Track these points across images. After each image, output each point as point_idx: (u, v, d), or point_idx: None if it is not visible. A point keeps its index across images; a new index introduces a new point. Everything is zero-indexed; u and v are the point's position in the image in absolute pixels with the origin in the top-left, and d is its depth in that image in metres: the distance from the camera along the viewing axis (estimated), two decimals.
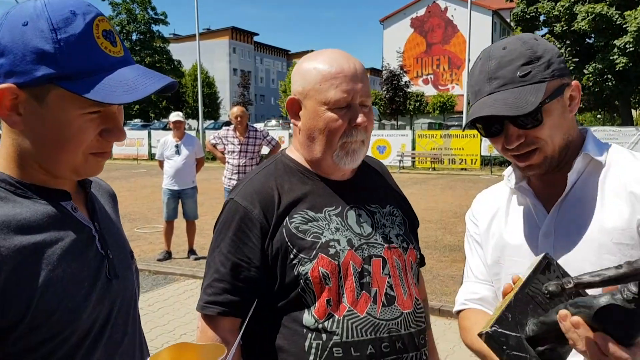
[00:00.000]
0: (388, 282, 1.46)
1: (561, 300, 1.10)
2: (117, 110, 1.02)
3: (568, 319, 1.00)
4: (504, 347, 1.07)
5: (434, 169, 22.92)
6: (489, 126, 1.31)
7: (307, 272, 1.40)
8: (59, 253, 0.97)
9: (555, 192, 1.33)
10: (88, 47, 0.93)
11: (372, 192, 1.60)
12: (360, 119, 1.44)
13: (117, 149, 29.40)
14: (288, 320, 1.43)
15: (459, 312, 1.54)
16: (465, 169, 22.42)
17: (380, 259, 1.47)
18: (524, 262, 1.27)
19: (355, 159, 1.50)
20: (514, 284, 1.17)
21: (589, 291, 1.06)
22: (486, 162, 22.29)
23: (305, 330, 1.41)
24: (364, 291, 1.42)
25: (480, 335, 1.10)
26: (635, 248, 1.20)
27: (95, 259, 1.04)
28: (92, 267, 1.02)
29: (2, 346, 0.89)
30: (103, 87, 0.92)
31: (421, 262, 1.67)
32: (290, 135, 25.84)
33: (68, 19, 0.92)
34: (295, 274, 1.41)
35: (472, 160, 22.50)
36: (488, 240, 1.48)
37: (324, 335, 1.39)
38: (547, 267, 1.16)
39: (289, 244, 1.42)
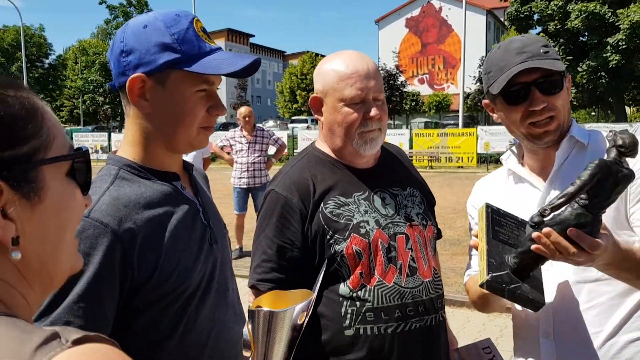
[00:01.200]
0: (411, 255, 1.67)
1: (524, 232, 1.39)
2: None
3: (541, 235, 1.25)
4: (503, 286, 1.33)
5: (431, 167, 23.15)
6: (514, 94, 1.50)
7: (342, 250, 1.62)
8: (175, 224, 1.18)
9: (547, 171, 1.56)
10: (193, 38, 1.19)
11: (394, 177, 1.81)
12: (373, 112, 1.65)
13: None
14: (327, 292, 1.64)
15: (466, 283, 1.79)
16: (462, 167, 22.65)
17: (404, 235, 1.68)
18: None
19: (374, 145, 1.71)
20: (477, 237, 1.45)
21: None
22: (482, 159, 22.55)
23: (341, 299, 1.63)
24: (391, 264, 1.64)
25: (481, 285, 1.35)
26: (616, 213, 1.42)
27: (201, 228, 1.25)
28: (199, 234, 1.24)
29: (138, 296, 1.11)
30: (209, 64, 1.18)
31: (438, 235, 1.91)
32: (289, 136, 26.03)
33: (176, 19, 1.19)
34: (332, 252, 1.62)
35: (468, 158, 22.75)
36: None
37: (357, 303, 1.61)
38: (494, 213, 1.44)
39: (325, 226, 1.64)
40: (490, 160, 22.44)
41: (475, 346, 1.85)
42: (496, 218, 1.44)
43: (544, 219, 1.25)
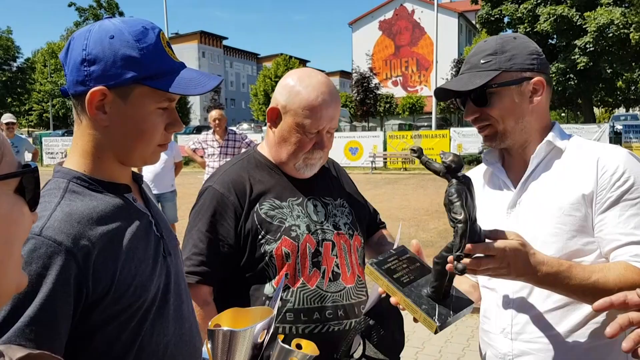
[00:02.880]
0: (335, 261, 1.75)
1: (408, 258, 1.51)
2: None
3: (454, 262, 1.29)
4: (448, 319, 1.39)
5: (405, 169, 23.33)
6: (462, 101, 1.61)
7: (272, 250, 1.69)
8: (130, 237, 1.14)
9: (523, 172, 1.58)
10: (160, 53, 1.15)
11: (326, 187, 1.90)
12: (326, 145, 1.77)
13: None
14: (252, 290, 1.72)
15: None
16: None
17: (330, 242, 1.77)
18: (496, 224, 1.54)
19: (313, 170, 1.81)
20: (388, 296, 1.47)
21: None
22: None
23: (264, 297, 1.70)
24: (315, 268, 1.72)
25: (436, 332, 1.38)
26: (582, 219, 1.45)
27: (154, 240, 1.22)
28: (153, 247, 1.20)
29: (94, 314, 1.07)
30: (179, 84, 1.15)
31: (381, 225, 2.08)
32: (262, 138, 25.92)
33: (143, 32, 1.15)
34: (262, 251, 1.70)
35: None
36: None
37: (279, 303, 1.64)
38: (381, 265, 1.47)
39: (258, 226, 1.71)
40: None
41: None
42: (387, 268, 1.46)
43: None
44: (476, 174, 1.77)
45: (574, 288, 1.38)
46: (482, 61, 1.54)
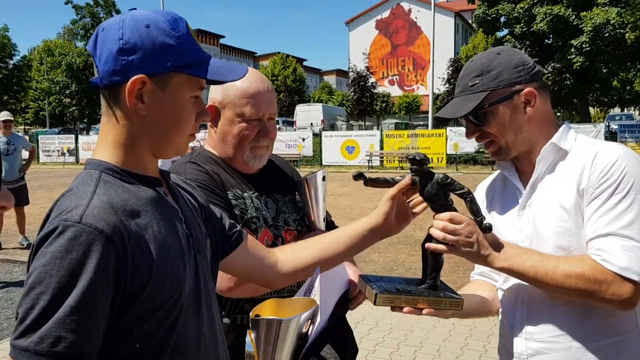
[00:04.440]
0: None
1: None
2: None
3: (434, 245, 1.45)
4: (454, 292, 1.57)
5: (402, 167, 23.32)
6: (465, 121, 1.65)
7: None
8: (163, 232, 1.12)
9: (530, 175, 1.61)
10: (192, 42, 1.15)
11: (275, 184, 1.92)
12: (271, 132, 1.80)
13: (84, 153, 28.97)
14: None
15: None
16: (432, 168, 22.76)
17: (280, 238, 1.80)
18: (508, 231, 1.62)
19: (261, 160, 1.83)
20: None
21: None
22: (452, 160, 22.84)
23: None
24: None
25: (461, 307, 1.54)
26: (581, 215, 1.48)
27: (184, 237, 1.19)
28: (183, 243, 1.17)
29: (131, 309, 1.04)
30: (214, 71, 1.16)
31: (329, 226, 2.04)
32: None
33: (175, 21, 1.14)
34: None
35: (438, 158, 23.01)
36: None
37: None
38: (367, 279, 1.59)
39: None
40: (460, 160, 22.76)
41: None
42: (390, 289, 1.51)
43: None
44: (494, 177, 1.82)
45: (529, 271, 1.44)
46: (470, 84, 1.59)
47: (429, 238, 1.49)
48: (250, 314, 1.11)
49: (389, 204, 1.48)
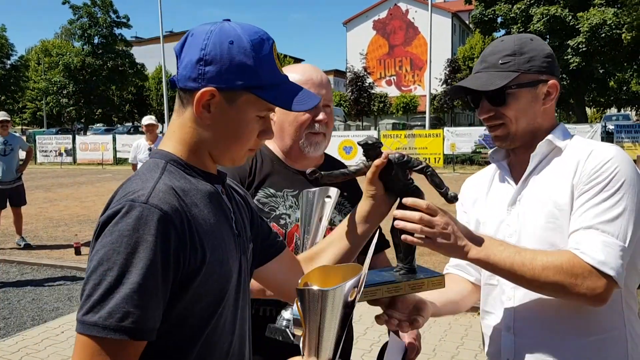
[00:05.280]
0: None
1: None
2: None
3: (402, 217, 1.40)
4: (433, 271, 1.52)
5: None
6: (474, 98, 1.63)
7: None
8: (219, 225, 1.18)
9: (523, 170, 1.62)
10: (272, 65, 1.19)
11: (329, 185, 1.93)
12: (321, 116, 1.83)
13: (82, 154, 28.98)
14: None
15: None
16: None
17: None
18: (496, 226, 1.62)
19: (317, 149, 1.87)
20: None
21: None
22: (449, 160, 22.88)
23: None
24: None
25: (444, 284, 1.50)
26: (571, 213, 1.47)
27: (233, 236, 1.24)
28: (231, 241, 1.22)
29: (185, 293, 1.09)
30: (283, 98, 1.20)
31: (382, 245, 2.10)
32: None
33: (260, 42, 1.18)
34: None
35: (435, 158, 23.05)
36: (471, 215, 1.77)
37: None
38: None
39: None
40: (457, 160, 22.80)
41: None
42: (370, 282, 1.47)
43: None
44: (485, 172, 1.82)
45: (504, 262, 1.40)
46: (500, 61, 1.57)
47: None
48: (299, 282, 1.11)
49: (372, 188, 1.45)
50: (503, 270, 1.42)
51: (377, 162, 1.40)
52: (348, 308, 1.06)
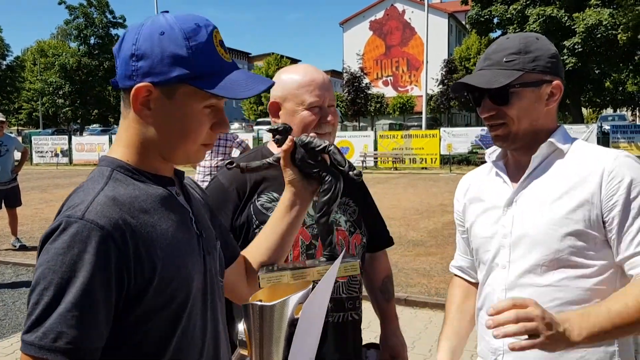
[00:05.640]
0: None
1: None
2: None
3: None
4: (351, 256, 1.45)
5: (395, 168, 23.41)
6: (476, 96, 1.60)
7: None
8: (172, 230, 1.12)
9: (523, 171, 1.59)
10: (210, 53, 1.13)
11: None
12: (330, 117, 1.83)
13: (78, 154, 28.93)
14: None
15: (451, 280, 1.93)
16: (426, 168, 22.98)
17: None
18: (489, 226, 1.62)
19: None
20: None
21: None
22: (445, 161, 22.90)
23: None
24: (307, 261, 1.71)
25: (360, 270, 1.43)
26: (580, 224, 1.45)
27: (195, 237, 1.19)
28: (193, 243, 1.18)
29: (138, 305, 1.05)
30: (225, 85, 1.12)
31: (383, 243, 2.12)
32: (254, 138, 25.95)
33: (195, 30, 1.12)
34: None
35: (432, 159, 23.10)
36: (466, 214, 1.77)
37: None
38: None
39: (253, 216, 1.78)
40: (453, 161, 22.82)
41: None
42: (276, 268, 1.45)
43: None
44: (480, 171, 1.80)
45: (606, 326, 1.31)
46: (505, 59, 1.54)
47: (329, 226, 1.40)
48: (250, 298, 1.08)
49: (289, 173, 1.41)
50: (609, 334, 1.34)
51: (283, 147, 1.37)
52: (293, 326, 1.02)
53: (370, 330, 5.22)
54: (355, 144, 24.32)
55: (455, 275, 1.91)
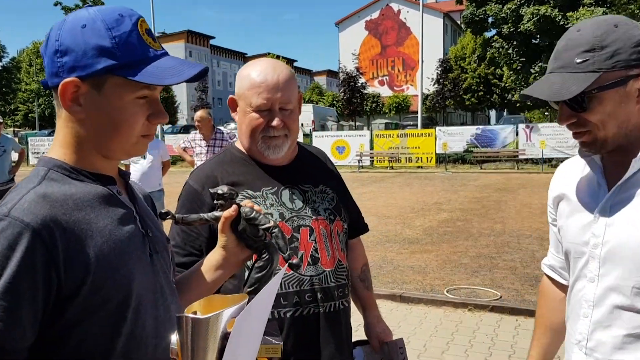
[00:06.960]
0: (314, 246, 1.80)
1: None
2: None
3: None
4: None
5: (391, 167, 23.46)
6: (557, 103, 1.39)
7: None
8: (109, 228, 1.09)
9: (622, 173, 1.35)
10: (136, 41, 1.10)
11: (307, 174, 1.92)
12: (275, 122, 1.75)
13: None
14: (232, 279, 1.70)
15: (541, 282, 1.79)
16: (422, 167, 23.01)
17: (308, 228, 1.80)
18: (579, 233, 1.44)
19: (277, 151, 1.80)
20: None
21: None
22: (441, 159, 22.96)
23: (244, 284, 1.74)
24: (292, 254, 1.73)
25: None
26: None
27: (138, 236, 1.15)
28: (136, 243, 1.14)
29: (70, 306, 1.02)
30: (152, 72, 1.09)
31: (359, 230, 2.11)
32: None
33: (118, 20, 1.09)
34: None
35: (427, 158, 23.15)
36: (557, 210, 1.59)
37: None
38: None
39: None
40: (449, 160, 22.90)
41: (395, 343, 2.00)
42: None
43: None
44: (572, 166, 1.58)
45: None
46: (577, 60, 1.30)
47: (243, 227, 1.31)
48: (186, 310, 1.03)
49: (224, 238, 1.34)
50: None
51: (225, 213, 1.30)
52: (225, 340, 0.98)
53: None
54: (352, 144, 24.37)
55: (546, 275, 1.73)
